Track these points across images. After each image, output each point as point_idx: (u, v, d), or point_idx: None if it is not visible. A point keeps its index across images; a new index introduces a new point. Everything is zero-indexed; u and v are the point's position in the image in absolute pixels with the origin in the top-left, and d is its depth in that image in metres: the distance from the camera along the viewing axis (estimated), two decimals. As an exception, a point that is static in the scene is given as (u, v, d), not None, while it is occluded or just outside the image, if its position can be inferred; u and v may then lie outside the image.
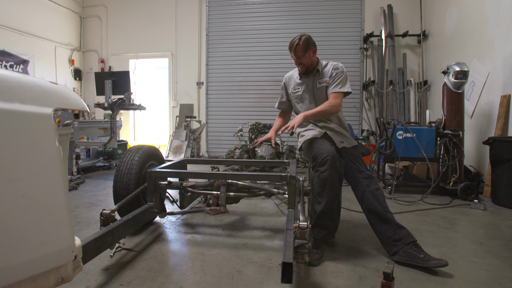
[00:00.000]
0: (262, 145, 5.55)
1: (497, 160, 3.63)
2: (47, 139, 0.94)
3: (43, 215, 0.95)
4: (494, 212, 3.32)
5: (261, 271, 1.93)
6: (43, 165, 0.95)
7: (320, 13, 7.10)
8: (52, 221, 0.97)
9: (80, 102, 1.08)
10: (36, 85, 0.94)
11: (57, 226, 0.98)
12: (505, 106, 4.00)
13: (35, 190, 0.93)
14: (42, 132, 0.94)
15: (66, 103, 0.99)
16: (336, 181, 2.15)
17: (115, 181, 2.50)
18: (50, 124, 0.95)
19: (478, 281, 1.86)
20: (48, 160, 0.95)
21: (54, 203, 0.96)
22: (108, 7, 8.08)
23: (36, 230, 0.94)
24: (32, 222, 0.94)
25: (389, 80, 6.65)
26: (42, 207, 0.95)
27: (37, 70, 6.79)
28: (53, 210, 0.97)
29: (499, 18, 4.27)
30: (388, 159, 4.22)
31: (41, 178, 0.94)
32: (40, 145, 0.94)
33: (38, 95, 0.95)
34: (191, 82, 7.74)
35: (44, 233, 0.95)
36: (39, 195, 0.95)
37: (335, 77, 2.48)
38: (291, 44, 2.53)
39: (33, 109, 0.92)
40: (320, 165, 2.13)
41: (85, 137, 5.28)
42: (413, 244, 2.05)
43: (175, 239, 2.46)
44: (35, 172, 0.93)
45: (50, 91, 0.98)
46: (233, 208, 3.25)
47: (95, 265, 1.95)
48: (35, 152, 0.93)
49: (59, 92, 0.99)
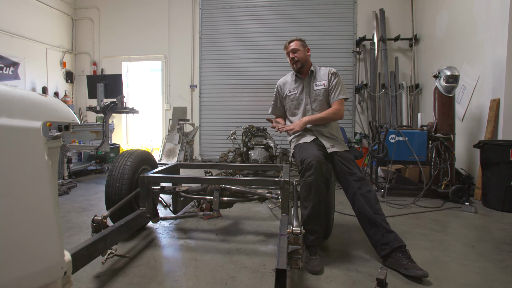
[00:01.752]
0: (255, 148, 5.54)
1: (488, 163, 3.68)
2: (36, 153, 0.92)
3: (31, 231, 0.93)
4: (484, 215, 3.37)
5: (255, 276, 1.93)
6: (31, 180, 0.93)
7: (313, 17, 7.14)
8: (41, 237, 0.95)
9: (70, 114, 1.06)
10: (25, 98, 0.92)
11: (46, 243, 0.96)
12: (495, 110, 4.06)
13: (23, 206, 0.91)
14: (31, 146, 0.92)
15: (55, 116, 0.97)
16: (322, 186, 2.14)
17: (107, 186, 2.47)
18: (39, 137, 0.93)
19: (470, 284, 1.87)
20: (37, 174, 0.93)
21: (43, 219, 0.94)
22: (100, 9, 8.02)
23: (24, 247, 0.92)
24: (20, 239, 0.92)
25: (381, 84, 6.71)
26: (30, 223, 0.93)
27: (27, 72, 6.71)
28: (42, 226, 0.95)
29: (488, 22, 4.34)
30: (381, 163, 4.25)
31: (29, 194, 0.92)
32: (29, 160, 0.92)
33: (27, 108, 0.93)
34: (184, 85, 7.71)
35: (32, 250, 0.93)
36: (28, 211, 0.92)
37: (336, 84, 2.56)
38: (286, 42, 2.63)
39: (22, 123, 0.90)
40: (306, 170, 2.13)
41: (77, 141, 5.22)
42: (399, 250, 2.02)
43: (168, 245, 2.44)
44: (24, 187, 0.91)
45: (39, 104, 0.96)
46: (227, 212, 3.24)
47: (87, 272, 1.93)
48: (24, 166, 0.91)
49: (48, 104, 0.97)
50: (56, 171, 1.06)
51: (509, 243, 2.54)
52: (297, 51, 2.56)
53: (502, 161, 3.50)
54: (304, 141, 2.46)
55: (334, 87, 2.55)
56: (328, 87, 2.57)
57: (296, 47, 2.58)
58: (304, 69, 2.62)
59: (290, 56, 2.60)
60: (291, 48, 2.59)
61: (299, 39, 2.64)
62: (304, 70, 2.62)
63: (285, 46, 2.66)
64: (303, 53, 2.58)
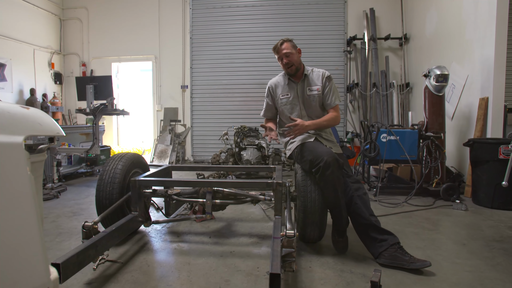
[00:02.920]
0: (247, 148, 5.53)
1: (477, 161, 3.73)
2: (17, 169, 0.89)
3: (14, 252, 0.90)
4: (475, 212, 3.41)
5: (249, 280, 1.92)
6: (13, 198, 0.89)
7: (304, 16, 7.15)
8: (24, 258, 0.92)
9: (54, 127, 1.02)
10: (5, 112, 0.87)
11: (30, 263, 0.92)
12: (484, 109, 4.12)
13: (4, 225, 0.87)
14: (12, 162, 0.88)
15: (39, 129, 0.93)
16: (342, 178, 2.18)
17: (98, 191, 2.44)
18: (21, 153, 0.89)
19: (461, 282, 1.89)
20: (19, 191, 0.90)
21: (26, 238, 0.91)
22: (89, 9, 7.91)
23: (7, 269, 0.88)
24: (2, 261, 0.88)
25: (372, 83, 6.75)
26: (12, 244, 0.89)
27: (14, 74, 6.59)
28: (26, 246, 0.91)
29: (476, 22, 4.40)
30: (373, 162, 4.28)
31: (11, 212, 0.88)
32: (10, 177, 0.88)
33: (7, 122, 0.88)
34: (176, 85, 7.66)
35: (16, 272, 0.89)
36: (10, 230, 0.89)
37: (330, 90, 2.55)
38: (276, 45, 2.52)
39: (1, 138, 0.86)
40: (325, 169, 2.10)
41: (67, 143, 5.14)
42: (397, 246, 2.09)
43: (161, 249, 2.42)
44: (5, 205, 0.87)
45: (20, 117, 0.92)
46: (220, 214, 3.22)
47: (78, 280, 1.89)
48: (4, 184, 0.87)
49: (30, 117, 0.93)
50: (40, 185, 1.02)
51: (499, 241, 2.58)
52: (290, 55, 2.47)
53: (491, 159, 3.55)
54: (303, 139, 2.44)
55: (329, 93, 2.54)
56: (322, 93, 2.55)
57: (288, 50, 2.47)
58: (298, 73, 2.57)
59: (284, 61, 2.49)
60: (283, 52, 2.48)
61: (288, 40, 2.53)
62: (297, 74, 2.57)
63: (275, 48, 2.53)
64: (296, 55, 2.50)
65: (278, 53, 2.53)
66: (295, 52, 2.52)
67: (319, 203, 2.20)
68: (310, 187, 2.21)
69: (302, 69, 2.58)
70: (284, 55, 2.49)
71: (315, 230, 2.28)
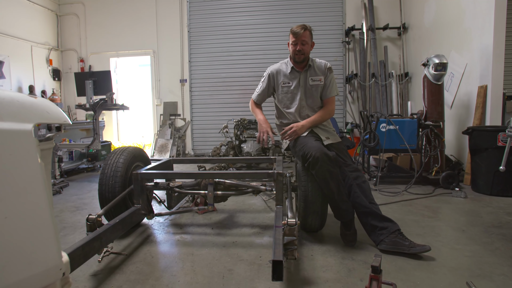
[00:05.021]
0: (247, 141, 5.55)
1: (476, 149, 3.75)
2: (28, 156, 0.91)
3: (28, 235, 0.93)
4: (474, 200, 3.44)
5: (252, 269, 1.95)
6: (25, 183, 0.92)
7: (302, 7, 7.10)
8: (38, 240, 0.95)
9: (61, 115, 1.05)
10: (14, 100, 0.90)
11: (44, 245, 0.96)
12: (482, 97, 4.12)
13: (18, 210, 0.90)
14: (23, 149, 0.91)
15: (46, 117, 0.96)
16: (333, 170, 2.18)
17: (100, 185, 2.46)
18: (31, 140, 0.92)
19: (460, 267, 1.93)
20: (30, 177, 0.92)
21: (39, 221, 0.94)
22: (85, 4, 7.85)
23: (21, 251, 0.92)
24: (17, 243, 0.91)
25: (371, 73, 6.74)
26: (26, 226, 0.92)
27: (13, 71, 6.57)
28: (39, 229, 0.95)
29: (475, 10, 4.38)
30: (373, 151, 4.30)
31: (24, 197, 0.91)
32: (22, 163, 0.91)
33: (17, 110, 0.91)
34: (174, 79, 7.64)
35: (30, 253, 0.93)
36: (23, 215, 0.92)
37: (331, 81, 2.56)
38: (297, 29, 2.43)
39: (12, 125, 0.89)
40: (314, 164, 2.13)
41: (67, 139, 5.16)
42: (398, 232, 2.12)
43: (164, 240, 2.45)
44: (18, 190, 0.90)
45: (29, 106, 0.94)
46: (221, 206, 3.25)
47: (83, 271, 1.92)
48: (16, 170, 0.90)
49: (39, 106, 0.95)
50: (49, 172, 1.05)
51: (498, 226, 2.61)
52: (306, 44, 2.44)
53: (490, 146, 3.57)
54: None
55: (329, 84, 2.57)
56: (324, 83, 2.58)
57: (306, 39, 2.44)
58: (304, 63, 2.58)
59: (298, 47, 2.44)
60: (302, 39, 2.42)
61: (310, 29, 2.47)
62: (303, 63, 2.58)
63: (295, 32, 2.43)
64: (309, 47, 2.50)
65: (296, 37, 2.44)
66: (310, 44, 2.50)
67: (320, 192, 2.23)
68: (310, 177, 2.24)
69: (307, 59, 2.60)
70: (301, 42, 2.44)
71: (316, 219, 2.31)
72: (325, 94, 2.59)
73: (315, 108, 2.60)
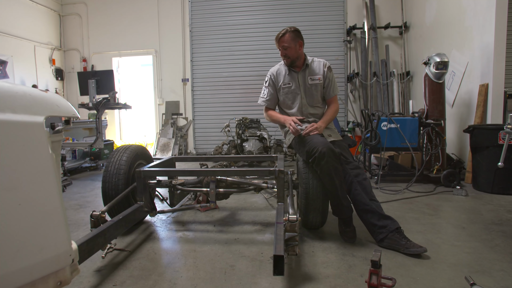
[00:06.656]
0: (249, 140, 5.57)
1: (477, 147, 3.76)
2: (40, 146, 0.95)
3: (40, 221, 0.97)
4: (475, 197, 3.45)
5: (253, 264, 1.97)
6: (37, 173, 0.96)
7: (303, 6, 7.12)
8: (49, 226, 0.99)
9: (70, 109, 1.08)
10: (27, 94, 0.94)
11: (54, 231, 1.00)
12: (483, 95, 4.13)
13: (31, 197, 0.94)
14: (35, 140, 0.95)
15: (57, 111, 1.00)
16: (338, 167, 2.20)
17: (104, 182, 2.49)
18: (42, 132, 0.96)
19: (460, 263, 1.94)
20: (42, 167, 0.96)
21: (50, 209, 0.98)
22: (88, 4, 7.90)
23: (34, 236, 0.96)
24: (30, 228, 0.95)
25: (372, 72, 6.75)
26: (38, 213, 0.96)
27: (16, 70, 6.62)
28: (50, 216, 0.99)
29: (476, 8, 4.38)
30: (374, 150, 4.32)
31: (36, 185, 0.95)
32: (34, 153, 0.95)
33: (29, 103, 0.95)
34: (176, 79, 7.67)
35: (42, 239, 0.97)
36: (35, 202, 0.96)
37: (331, 80, 2.61)
38: (278, 34, 2.55)
39: (25, 118, 0.93)
40: (320, 159, 2.14)
41: (70, 138, 5.20)
42: (397, 231, 2.13)
43: (167, 237, 2.48)
44: (30, 179, 0.94)
45: (40, 99, 0.98)
46: (223, 203, 3.28)
47: (87, 267, 1.95)
48: (29, 160, 0.94)
49: (49, 99, 0.99)
50: (59, 164, 1.09)
51: (498, 223, 2.62)
52: (287, 48, 2.51)
53: (491, 144, 3.58)
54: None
55: (330, 83, 2.61)
56: (323, 82, 2.61)
57: (287, 44, 2.50)
58: (297, 63, 2.60)
59: (281, 52, 2.57)
60: (281, 44, 2.53)
61: (292, 30, 2.51)
62: (297, 64, 2.61)
63: (276, 38, 2.57)
64: (294, 50, 2.52)
65: (277, 42, 2.58)
66: (294, 46, 2.52)
67: (321, 190, 2.25)
68: (312, 174, 2.26)
69: (303, 59, 2.62)
70: (282, 47, 2.54)
71: (318, 216, 2.33)
72: (328, 93, 2.64)
73: (315, 107, 2.64)
